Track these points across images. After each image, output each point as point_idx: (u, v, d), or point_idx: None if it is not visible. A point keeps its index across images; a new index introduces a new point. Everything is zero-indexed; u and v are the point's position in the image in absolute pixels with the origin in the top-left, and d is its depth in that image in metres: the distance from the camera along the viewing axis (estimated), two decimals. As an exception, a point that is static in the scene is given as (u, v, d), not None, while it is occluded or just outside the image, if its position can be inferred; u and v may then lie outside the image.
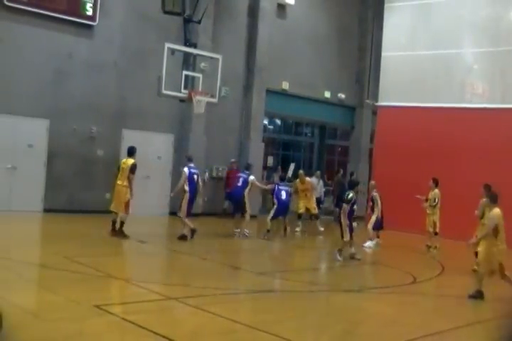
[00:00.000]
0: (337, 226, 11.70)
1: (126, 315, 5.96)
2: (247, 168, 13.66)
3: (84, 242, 10.69)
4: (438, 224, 13.01)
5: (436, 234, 13.08)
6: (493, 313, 7.00)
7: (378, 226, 13.36)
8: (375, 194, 13.42)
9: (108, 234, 11.27)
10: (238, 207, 13.33)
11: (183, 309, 6.67)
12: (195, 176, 11.87)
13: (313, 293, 8.11)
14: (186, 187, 11.68)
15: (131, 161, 11.52)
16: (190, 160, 12.20)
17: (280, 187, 13.75)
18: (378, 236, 13.52)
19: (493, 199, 8.25)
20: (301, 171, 15.52)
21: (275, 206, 13.58)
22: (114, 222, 11.35)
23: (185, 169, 11.85)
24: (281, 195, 13.59)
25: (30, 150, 14.03)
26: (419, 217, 15.24)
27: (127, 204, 11.30)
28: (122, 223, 11.29)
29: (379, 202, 13.29)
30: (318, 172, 19.19)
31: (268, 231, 13.22)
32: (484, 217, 9.17)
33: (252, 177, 13.20)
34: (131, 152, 11.71)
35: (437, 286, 9.39)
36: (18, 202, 13.21)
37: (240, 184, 13.12)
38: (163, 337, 5.39)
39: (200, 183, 12.09)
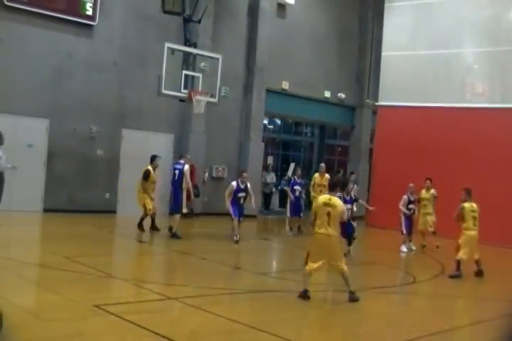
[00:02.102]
0: None
1: (126, 315, 5.96)
2: None
3: (84, 242, 10.70)
4: (434, 224, 13.11)
5: (434, 233, 13.11)
6: (493, 313, 6.99)
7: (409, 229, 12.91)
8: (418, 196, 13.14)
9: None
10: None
11: (183, 309, 6.67)
12: (176, 171, 12.20)
13: (313, 293, 8.10)
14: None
15: (145, 168, 11.97)
16: (180, 156, 12.75)
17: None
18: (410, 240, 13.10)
19: (330, 188, 7.96)
20: (322, 164, 15.15)
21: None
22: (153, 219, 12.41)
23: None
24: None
25: (30, 150, 14.03)
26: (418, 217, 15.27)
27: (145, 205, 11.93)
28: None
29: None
30: (353, 175, 18.39)
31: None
32: None
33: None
34: (151, 159, 12.13)
35: (437, 286, 9.39)
36: (18, 202, 13.20)
37: None
38: (163, 337, 5.39)
39: (187, 178, 12.04)
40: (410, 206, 12.85)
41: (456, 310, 8.07)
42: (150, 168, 11.90)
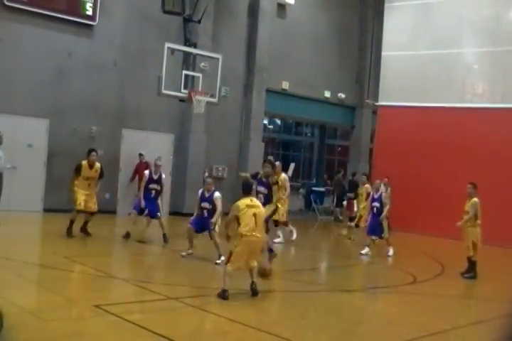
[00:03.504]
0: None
1: (126, 315, 5.95)
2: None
3: (85, 242, 10.69)
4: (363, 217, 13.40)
5: (357, 226, 13.73)
6: (493, 313, 6.99)
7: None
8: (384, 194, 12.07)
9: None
10: None
11: (183, 309, 6.66)
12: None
13: (313, 293, 8.10)
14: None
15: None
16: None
17: None
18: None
19: (243, 190, 7.70)
20: (277, 163, 12.72)
21: None
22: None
23: None
24: None
25: (30, 150, 14.03)
26: (420, 217, 15.26)
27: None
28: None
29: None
30: (386, 179, 16.40)
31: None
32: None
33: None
34: (87, 153, 11.51)
35: (437, 286, 9.38)
36: (18, 202, 13.20)
37: None
38: (163, 337, 5.38)
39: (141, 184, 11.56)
40: (374, 204, 11.78)
41: (456, 310, 8.06)
42: (83, 162, 11.19)
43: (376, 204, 11.78)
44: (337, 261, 10.99)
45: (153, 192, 11.29)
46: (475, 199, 9.83)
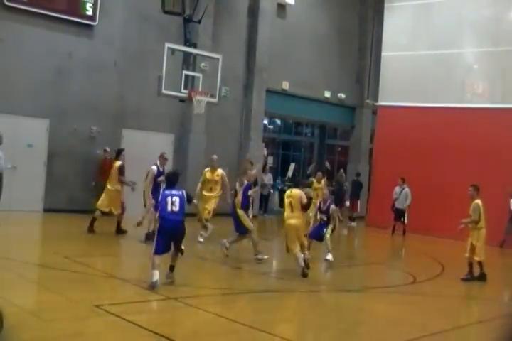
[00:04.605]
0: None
1: (126, 315, 5.95)
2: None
3: (84, 242, 10.70)
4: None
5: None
6: (493, 313, 7.00)
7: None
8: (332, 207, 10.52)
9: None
10: None
11: (183, 309, 6.67)
12: None
13: (313, 293, 8.10)
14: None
15: (118, 163, 11.76)
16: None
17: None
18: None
19: (294, 184, 9.25)
20: (214, 156, 12.31)
21: None
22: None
23: None
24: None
25: (30, 150, 14.03)
26: (420, 217, 15.25)
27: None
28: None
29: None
30: (400, 180, 16.01)
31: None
32: None
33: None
34: (118, 154, 12.00)
35: (437, 286, 9.39)
36: (18, 202, 13.20)
37: None
38: (163, 337, 5.39)
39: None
40: (321, 216, 10.37)
41: (456, 310, 8.07)
42: (120, 162, 11.73)
43: (323, 216, 10.36)
44: (337, 261, 10.97)
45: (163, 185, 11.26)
46: (476, 201, 9.71)
